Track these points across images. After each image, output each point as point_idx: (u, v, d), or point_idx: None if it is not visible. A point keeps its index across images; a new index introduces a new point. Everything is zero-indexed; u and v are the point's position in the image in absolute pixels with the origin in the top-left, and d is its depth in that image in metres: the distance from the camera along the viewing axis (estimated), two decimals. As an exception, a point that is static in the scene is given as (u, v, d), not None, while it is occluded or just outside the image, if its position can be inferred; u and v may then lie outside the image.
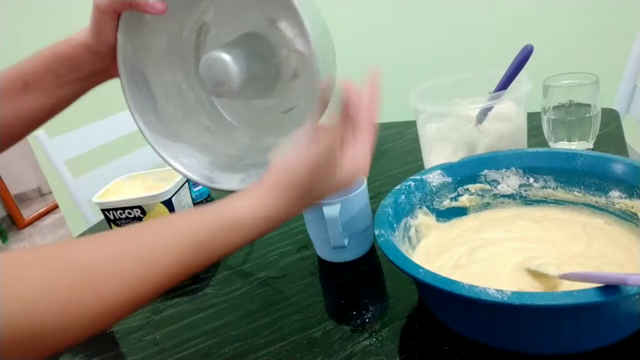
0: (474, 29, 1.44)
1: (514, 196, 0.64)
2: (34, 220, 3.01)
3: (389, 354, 0.49)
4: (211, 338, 0.57)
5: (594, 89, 0.73)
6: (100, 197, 0.79)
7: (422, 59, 1.50)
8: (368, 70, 0.48)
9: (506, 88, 0.69)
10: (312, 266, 0.67)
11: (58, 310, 0.32)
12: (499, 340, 0.46)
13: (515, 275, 0.50)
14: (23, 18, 1.79)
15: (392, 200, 0.58)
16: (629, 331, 0.43)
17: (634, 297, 0.39)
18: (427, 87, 0.76)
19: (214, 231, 0.40)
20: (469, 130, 0.70)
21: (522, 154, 0.64)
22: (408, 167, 0.88)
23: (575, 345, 0.43)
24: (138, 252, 0.37)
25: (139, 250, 0.37)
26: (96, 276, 0.34)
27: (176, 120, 0.58)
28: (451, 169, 0.64)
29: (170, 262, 0.38)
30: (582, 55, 1.35)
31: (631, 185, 0.54)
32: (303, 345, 0.52)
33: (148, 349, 0.57)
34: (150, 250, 0.37)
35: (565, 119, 0.76)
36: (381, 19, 1.53)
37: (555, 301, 0.37)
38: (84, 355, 0.59)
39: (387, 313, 0.55)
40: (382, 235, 0.51)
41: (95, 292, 0.34)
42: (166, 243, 0.38)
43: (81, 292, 0.33)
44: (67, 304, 0.32)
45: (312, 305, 0.59)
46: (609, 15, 1.33)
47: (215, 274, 0.70)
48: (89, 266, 0.34)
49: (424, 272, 0.44)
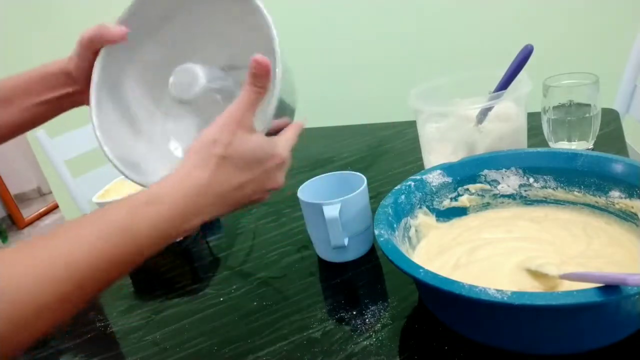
0: (474, 29, 1.45)
1: (514, 196, 0.64)
2: (34, 220, 3.01)
3: (389, 354, 0.49)
4: (211, 338, 0.57)
5: (594, 89, 0.73)
6: (100, 197, 0.79)
7: (422, 59, 1.50)
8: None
9: (506, 88, 0.69)
10: (312, 266, 0.67)
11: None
12: (499, 340, 0.46)
13: (515, 275, 0.50)
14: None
15: (392, 200, 0.58)
16: (629, 331, 0.43)
17: (634, 297, 0.39)
18: (427, 87, 0.76)
19: (131, 213, 0.38)
20: (469, 130, 0.70)
21: (522, 154, 0.64)
22: (408, 167, 0.88)
23: (575, 345, 0.43)
24: (53, 255, 0.35)
25: (54, 251, 0.35)
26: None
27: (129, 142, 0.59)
28: (451, 169, 0.64)
29: (91, 256, 0.36)
30: (582, 55, 1.35)
31: (631, 185, 0.54)
32: (303, 345, 0.52)
33: (148, 349, 0.57)
34: (69, 249, 0.36)
35: (565, 119, 0.76)
36: (381, 19, 1.53)
37: (555, 301, 0.37)
38: (84, 355, 0.59)
39: (387, 313, 0.55)
40: (382, 235, 0.51)
41: None
42: (81, 239, 0.37)
43: None
44: None
45: (312, 305, 0.59)
46: (609, 15, 1.33)
47: (215, 274, 0.70)
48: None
49: (424, 272, 0.44)
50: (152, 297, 0.68)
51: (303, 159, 1.01)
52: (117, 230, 0.37)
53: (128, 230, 0.38)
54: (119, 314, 0.65)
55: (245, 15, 0.52)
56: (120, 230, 0.38)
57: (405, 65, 1.52)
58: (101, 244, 0.37)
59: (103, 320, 0.65)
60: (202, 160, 0.43)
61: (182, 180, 0.42)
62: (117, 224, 0.38)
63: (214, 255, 0.77)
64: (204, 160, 0.43)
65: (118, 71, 0.57)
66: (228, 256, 0.75)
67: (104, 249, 0.37)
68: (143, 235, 0.38)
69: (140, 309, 0.65)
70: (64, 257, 0.35)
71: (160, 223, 0.39)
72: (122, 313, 0.65)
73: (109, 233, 0.37)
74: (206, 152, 0.43)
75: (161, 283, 0.71)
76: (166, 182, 0.42)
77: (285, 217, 0.81)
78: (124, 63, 0.57)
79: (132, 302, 0.68)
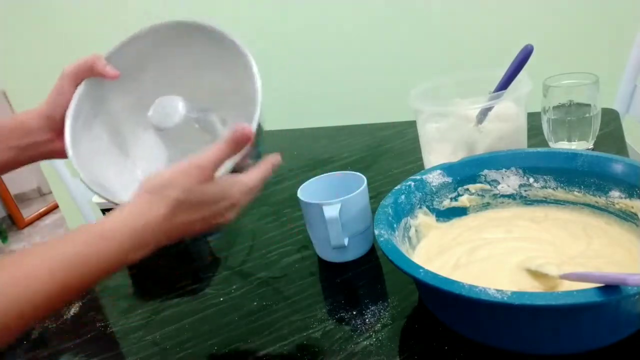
0: (474, 29, 1.44)
1: (514, 196, 0.64)
2: (34, 220, 3.01)
3: (389, 354, 0.49)
4: (211, 338, 0.57)
5: (594, 89, 0.73)
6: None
7: (422, 59, 1.50)
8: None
9: (506, 88, 0.69)
10: (312, 266, 0.67)
11: None
12: (499, 340, 0.46)
13: (515, 275, 0.50)
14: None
15: (392, 200, 0.58)
16: (629, 331, 0.43)
17: (634, 297, 0.39)
18: (427, 87, 0.76)
19: (83, 245, 0.42)
20: (469, 130, 0.70)
21: (522, 154, 0.64)
22: (408, 167, 0.88)
23: (575, 345, 0.44)
24: (8, 283, 0.38)
25: (11, 280, 0.39)
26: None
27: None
28: (451, 169, 0.64)
29: (36, 289, 0.39)
30: (582, 55, 1.35)
31: (631, 185, 0.54)
32: (303, 345, 0.52)
33: (148, 349, 0.57)
34: (13, 281, 0.39)
35: (565, 119, 0.76)
36: (381, 19, 1.53)
37: (555, 301, 0.37)
38: (84, 355, 0.59)
39: (387, 313, 0.55)
40: (382, 235, 0.51)
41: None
42: (29, 270, 0.40)
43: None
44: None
45: (312, 305, 0.59)
46: (609, 15, 1.33)
47: (215, 274, 0.70)
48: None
49: (424, 272, 0.44)
50: (152, 297, 0.68)
51: (303, 159, 1.01)
52: (71, 260, 0.41)
53: (81, 262, 0.42)
54: (119, 314, 0.65)
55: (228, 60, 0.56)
56: (75, 260, 0.41)
57: (405, 65, 1.51)
58: (56, 274, 0.40)
59: (103, 320, 0.65)
60: (156, 201, 0.45)
61: (134, 219, 0.44)
62: (72, 256, 0.41)
63: (214, 255, 0.77)
64: (158, 202, 0.45)
65: (95, 100, 0.59)
66: (228, 256, 0.74)
67: (57, 278, 0.40)
68: (94, 266, 0.42)
69: (140, 309, 0.65)
70: (22, 283, 0.39)
71: (110, 256, 0.43)
72: (122, 313, 0.65)
73: (63, 265, 0.41)
74: (160, 194, 0.45)
75: (161, 283, 0.71)
76: (119, 217, 0.44)
77: (285, 217, 0.81)
78: (104, 93, 0.60)
79: (132, 302, 0.68)
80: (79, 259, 0.41)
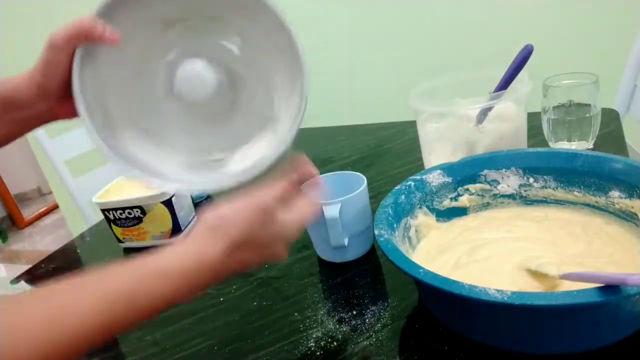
0: (474, 29, 1.44)
1: (514, 196, 0.64)
2: (34, 220, 3.01)
3: (389, 354, 0.49)
4: (211, 338, 0.57)
5: (594, 89, 0.73)
6: (100, 197, 0.79)
7: (422, 59, 1.50)
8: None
9: (506, 88, 0.69)
10: (312, 266, 0.67)
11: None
12: (499, 340, 0.46)
13: (515, 275, 0.50)
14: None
15: (392, 200, 0.58)
16: (629, 331, 0.43)
17: (634, 297, 0.39)
18: (427, 87, 0.76)
19: (136, 283, 0.39)
20: (469, 130, 0.70)
21: (522, 154, 0.64)
22: (408, 167, 0.88)
23: (575, 345, 0.44)
24: (45, 318, 0.36)
25: (45, 315, 0.36)
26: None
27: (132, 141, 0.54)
28: (451, 169, 0.64)
29: (83, 322, 0.37)
30: (582, 55, 1.35)
31: (631, 185, 0.54)
32: (303, 345, 0.52)
33: (148, 349, 0.57)
34: (60, 313, 0.36)
35: (565, 119, 0.76)
36: (381, 19, 1.53)
37: (555, 301, 0.37)
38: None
39: (387, 313, 0.55)
40: (382, 235, 0.51)
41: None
42: (77, 304, 0.37)
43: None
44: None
45: (312, 305, 0.59)
46: (609, 15, 1.33)
47: (215, 274, 0.70)
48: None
49: (424, 272, 0.44)
50: (152, 297, 0.67)
51: (303, 159, 1.01)
52: (120, 297, 0.38)
53: (130, 299, 0.39)
54: (119, 314, 0.65)
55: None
56: (124, 297, 0.39)
57: (405, 65, 1.52)
58: (103, 308, 0.38)
59: (103, 320, 0.65)
60: (215, 241, 0.42)
61: (192, 260, 0.42)
62: (121, 292, 0.39)
63: (214, 255, 0.77)
64: (216, 241, 0.42)
65: (100, 70, 0.51)
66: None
67: (104, 313, 0.38)
68: (144, 305, 0.40)
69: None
70: (67, 320, 0.36)
71: (162, 296, 0.40)
72: (122, 313, 0.65)
73: (111, 300, 0.38)
74: (221, 234, 0.42)
75: (161, 283, 0.71)
76: (175, 255, 0.42)
77: (285, 217, 0.80)
78: (107, 57, 0.51)
79: (132, 302, 0.68)
80: (128, 297, 0.39)
